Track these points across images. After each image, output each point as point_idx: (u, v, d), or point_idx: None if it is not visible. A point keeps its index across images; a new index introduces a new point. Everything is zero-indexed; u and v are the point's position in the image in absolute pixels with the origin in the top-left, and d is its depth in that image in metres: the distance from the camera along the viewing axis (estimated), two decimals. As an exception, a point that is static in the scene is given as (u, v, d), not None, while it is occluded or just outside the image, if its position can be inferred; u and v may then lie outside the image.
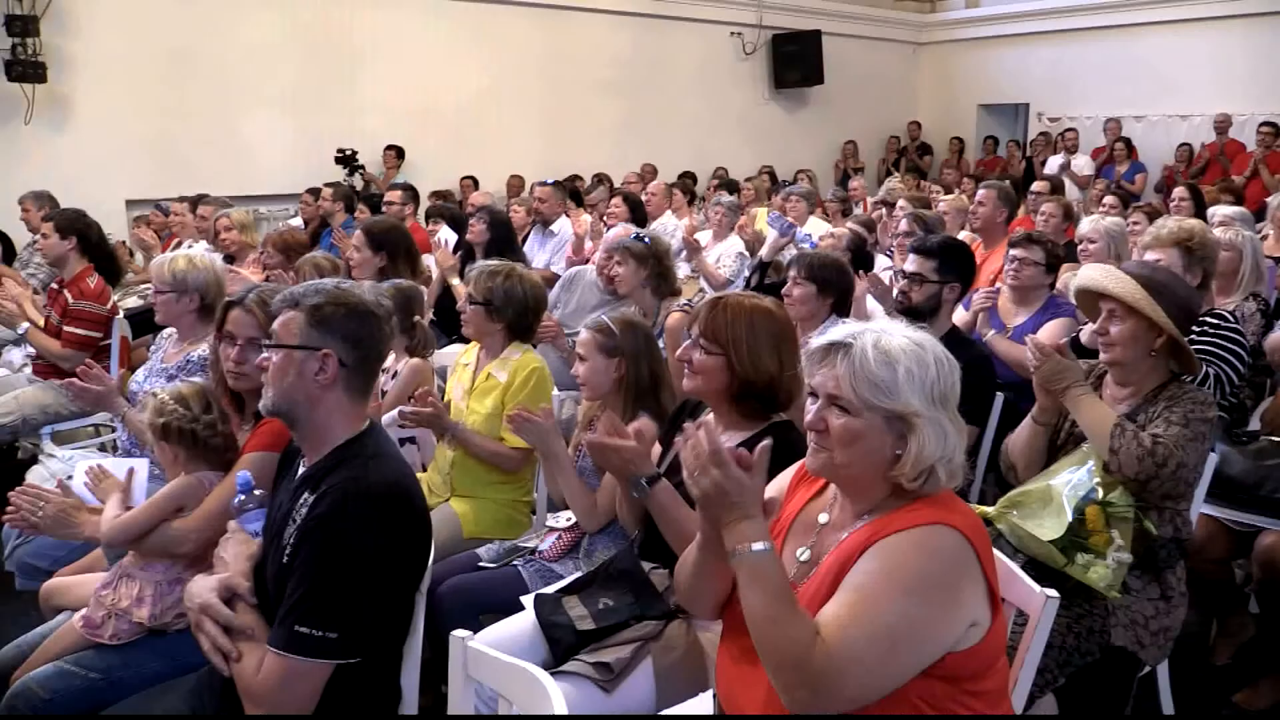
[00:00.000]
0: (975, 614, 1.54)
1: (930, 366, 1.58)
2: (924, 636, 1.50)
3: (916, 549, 1.52)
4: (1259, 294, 4.10)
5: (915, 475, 1.57)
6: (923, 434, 1.56)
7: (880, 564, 1.52)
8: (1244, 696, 2.98)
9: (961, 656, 1.54)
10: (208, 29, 8.93)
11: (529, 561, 2.68)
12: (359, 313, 1.89)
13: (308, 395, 1.87)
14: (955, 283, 3.32)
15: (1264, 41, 10.62)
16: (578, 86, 11.29)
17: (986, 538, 1.61)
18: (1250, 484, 2.95)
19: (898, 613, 1.48)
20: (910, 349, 1.59)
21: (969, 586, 1.54)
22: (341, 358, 1.86)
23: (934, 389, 1.58)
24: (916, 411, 1.56)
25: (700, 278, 5.82)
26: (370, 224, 4.54)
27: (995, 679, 1.64)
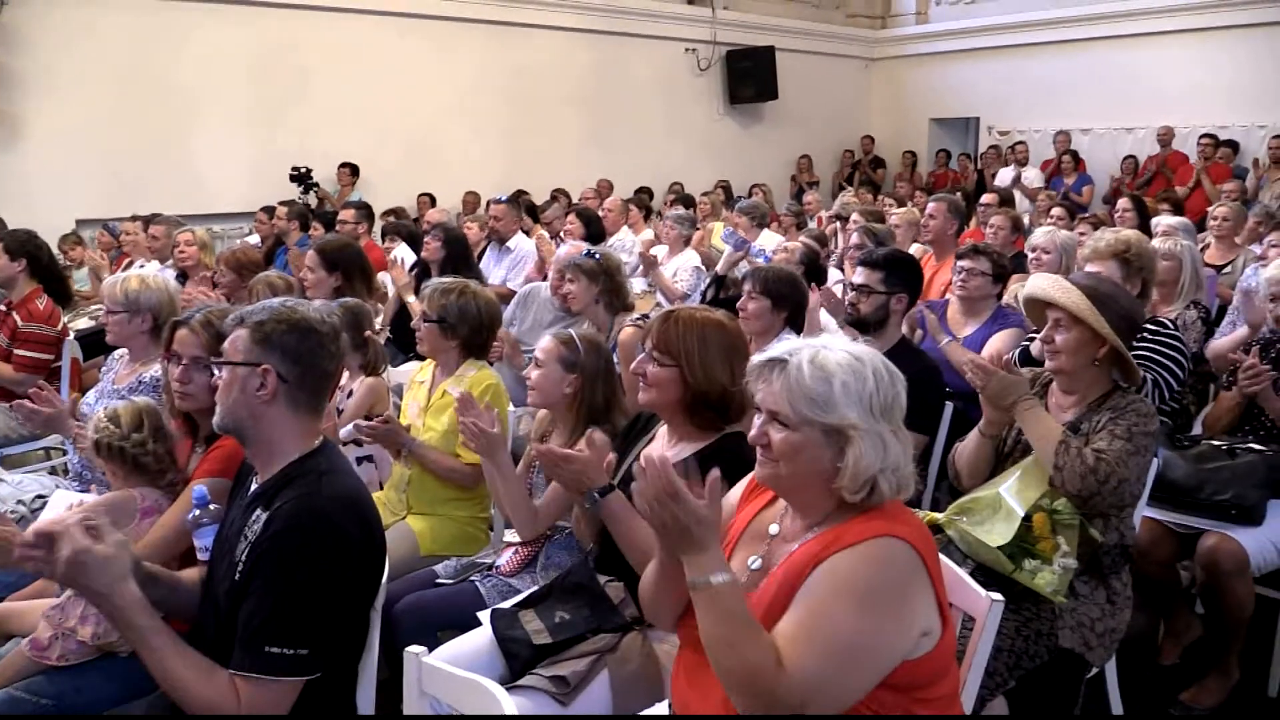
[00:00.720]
0: (926, 623, 1.57)
1: (868, 380, 1.61)
2: (879, 649, 1.53)
3: (866, 562, 1.55)
4: (1199, 302, 4.21)
5: (856, 488, 1.60)
6: (859, 446, 1.58)
7: (831, 580, 1.55)
8: (1191, 694, 3.04)
9: (914, 665, 1.57)
10: (160, 46, 8.86)
11: (486, 577, 2.68)
12: (300, 329, 1.90)
13: (251, 411, 1.88)
14: (902, 293, 3.38)
15: (1205, 56, 10.92)
16: (535, 103, 11.33)
17: (934, 547, 1.65)
18: (1192, 487, 3.02)
19: (852, 628, 1.51)
20: (848, 363, 1.62)
21: (919, 596, 1.57)
22: (281, 373, 1.87)
23: (872, 401, 1.60)
24: (853, 424, 1.59)
25: (657, 292, 5.86)
26: (324, 243, 4.52)
27: (946, 685, 1.67)
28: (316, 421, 1.96)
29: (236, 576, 1.81)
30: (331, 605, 1.78)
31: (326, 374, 1.95)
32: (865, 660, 1.52)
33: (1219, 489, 2.98)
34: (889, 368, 1.65)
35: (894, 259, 3.50)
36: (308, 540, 1.77)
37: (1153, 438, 2.50)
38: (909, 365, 3.15)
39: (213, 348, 2.48)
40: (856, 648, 1.51)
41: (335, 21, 9.88)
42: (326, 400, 1.99)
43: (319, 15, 9.80)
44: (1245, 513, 2.95)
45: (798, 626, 1.54)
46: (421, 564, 2.94)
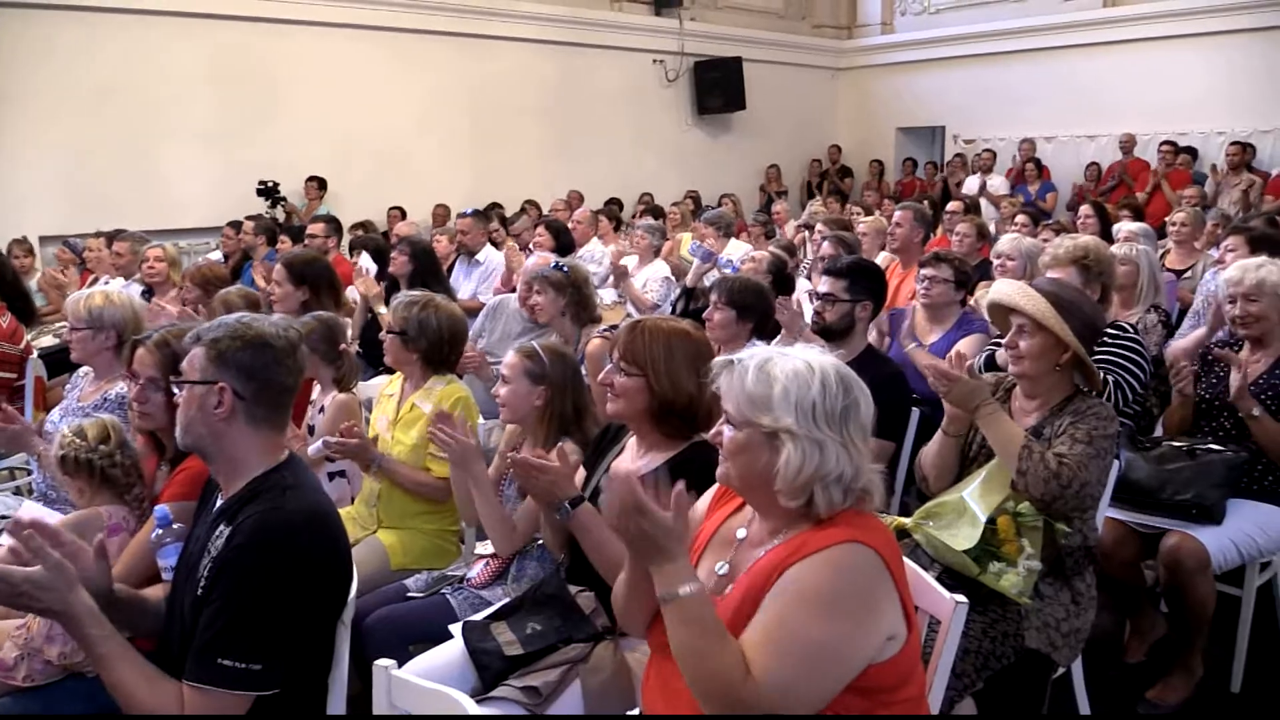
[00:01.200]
0: (892, 627, 1.59)
1: (812, 387, 1.61)
2: (846, 654, 1.55)
3: (831, 569, 1.56)
4: (1160, 306, 4.29)
5: (789, 492, 1.61)
6: (789, 450, 1.59)
7: (797, 587, 1.56)
8: (1156, 692, 3.08)
9: (880, 669, 1.59)
10: (124, 60, 8.77)
11: (457, 590, 2.68)
12: (254, 345, 1.89)
13: (210, 429, 1.88)
14: (867, 301, 3.40)
15: (1165, 65, 11.11)
16: (504, 115, 11.32)
17: (899, 552, 1.67)
18: (1153, 488, 3.07)
19: (819, 634, 1.52)
20: (796, 369, 1.63)
21: (885, 601, 1.59)
22: (237, 390, 1.87)
23: (814, 408, 1.60)
24: (788, 428, 1.59)
25: (627, 303, 5.88)
26: (291, 257, 4.50)
27: (912, 688, 1.69)
28: (279, 436, 1.95)
29: (199, 591, 1.81)
30: (290, 621, 1.77)
31: (285, 389, 1.94)
32: (832, 666, 1.54)
33: (1180, 489, 3.03)
34: (845, 379, 1.65)
35: (858, 267, 3.53)
36: (268, 555, 1.76)
37: (1113, 440, 2.54)
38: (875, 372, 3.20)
39: (168, 367, 2.48)
40: (823, 654, 1.53)
41: (301, 35, 9.84)
42: (289, 414, 1.99)
43: (285, 29, 9.74)
44: (1206, 512, 3.00)
45: (765, 634, 1.55)
46: (392, 578, 2.93)
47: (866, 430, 1.65)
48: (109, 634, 1.73)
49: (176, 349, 2.49)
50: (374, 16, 10.26)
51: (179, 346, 2.46)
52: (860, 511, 1.65)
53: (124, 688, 1.72)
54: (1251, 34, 10.55)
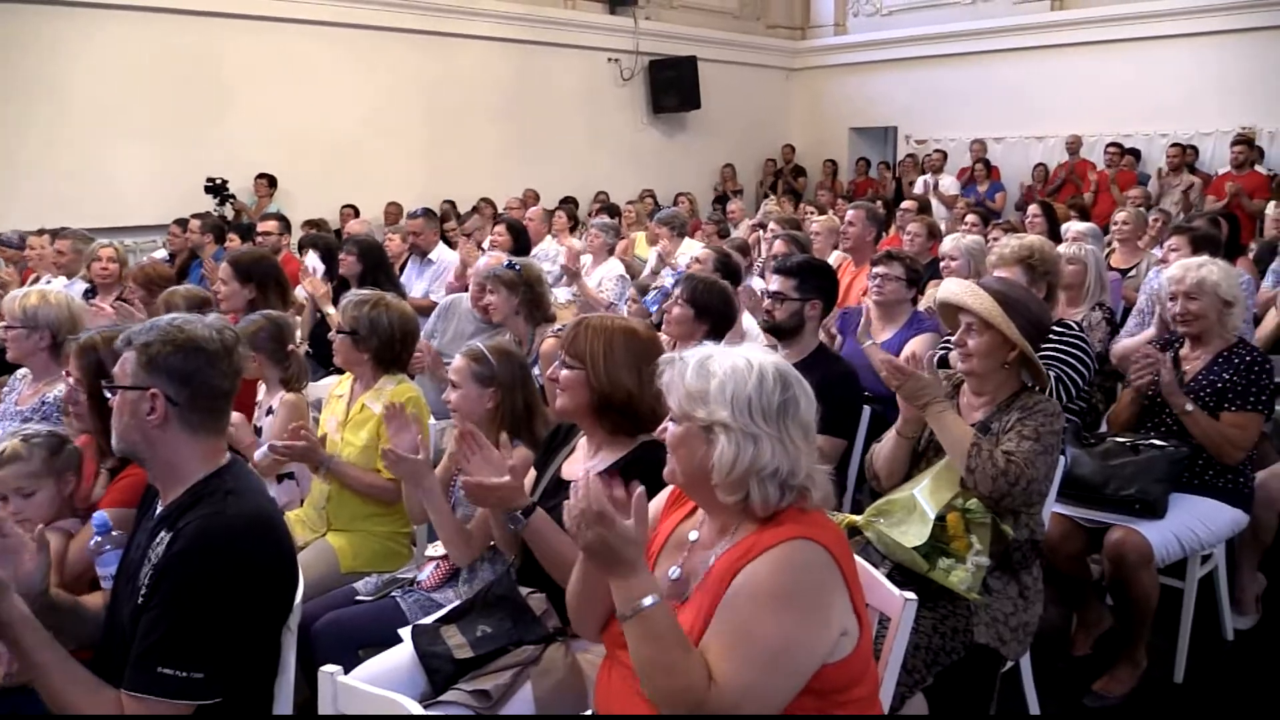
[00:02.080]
0: (844, 623, 1.60)
1: (749, 382, 1.62)
2: (802, 650, 1.56)
3: (781, 566, 1.57)
4: (1104, 304, 4.37)
5: (726, 487, 1.62)
6: (722, 443, 1.61)
7: (750, 589, 1.57)
8: (1102, 684, 3.13)
9: (834, 668, 1.60)
10: (67, 53, 8.56)
11: (408, 592, 2.65)
12: (187, 349, 1.84)
13: (144, 436, 1.84)
14: (816, 299, 3.41)
15: (1109, 68, 11.32)
16: (457, 113, 11.24)
17: (848, 548, 1.67)
18: (1098, 483, 3.12)
19: (775, 632, 1.53)
20: (735, 365, 1.64)
21: (836, 596, 1.60)
22: (170, 396, 1.82)
23: (750, 403, 1.61)
24: (722, 421, 1.61)
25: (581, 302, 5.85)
26: (237, 255, 4.42)
27: (865, 686, 1.70)
28: (219, 440, 1.91)
29: (139, 600, 1.76)
30: (233, 628, 1.74)
31: (221, 393, 1.89)
32: (789, 663, 1.55)
33: (1124, 484, 3.09)
34: (785, 376, 1.66)
35: (808, 266, 3.54)
36: (210, 561, 1.73)
37: (1059, 436, 2.58)
38: (826, 371, 3.24)
39: (91, 372, 2.45)
40: (780, 652, 1.54)
41: (251, 30, 9.67)
42: (227, 418, 1.94)
43: (234, 24, 9.58)
44: (1149, 506, 3.06)
45: (721, 639, 1.56)
46: (342, 581, 2.90)
47: (807, 428, 1.66)
48: (45, 641, 1.68)
49: (102, 354, 2.45)
50: (327, 12, 10.13)
51: (105, 351, 2.42)
52: (804, 509, 1.65)
53: (61, 697, 1.68)
54: (1192, 39, 10.79)
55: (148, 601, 1.74)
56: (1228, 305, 3.27)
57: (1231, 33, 10.47)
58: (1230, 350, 3.27)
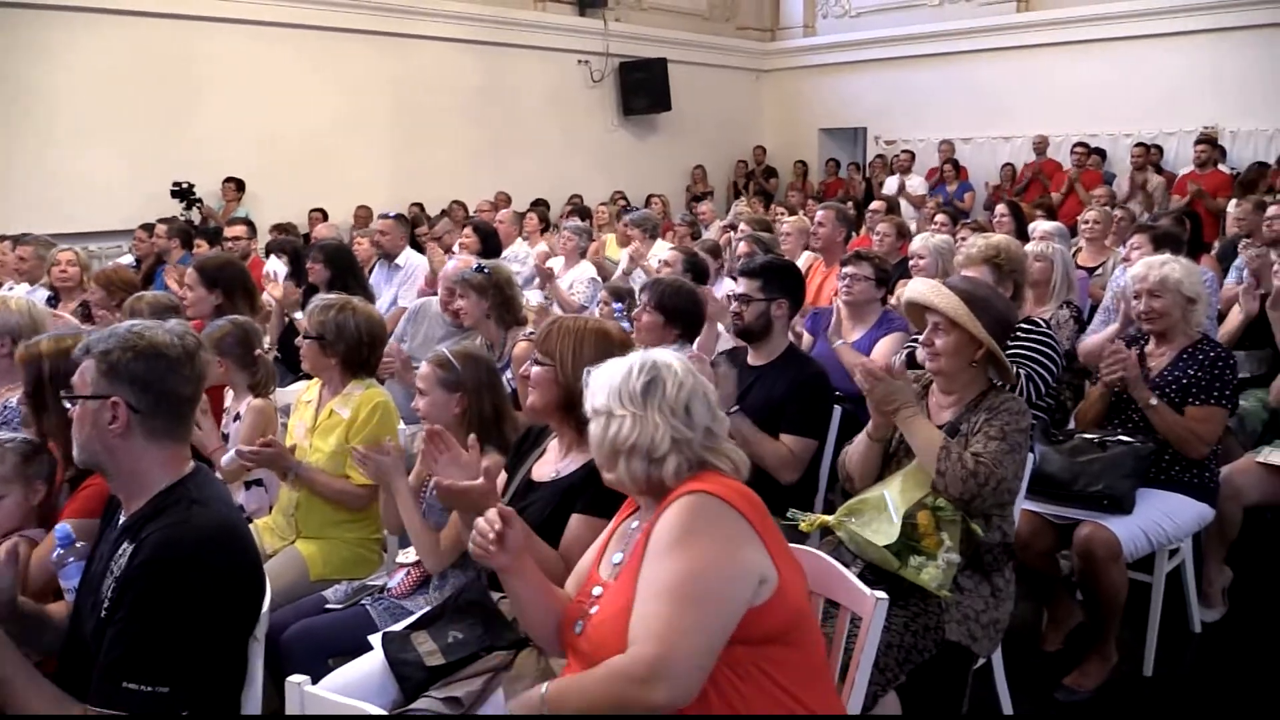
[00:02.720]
0: (760, 566, 1.66)
1: (621, 371, 1.79)
2: (718, 578, 1.62)
3: (675, 515, 1.68)
4: (1072, 302, 4.41)
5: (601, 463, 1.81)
6: (593, 425, 1.80)
7: (653, 549, 1.68)
8: (1073, 678, 3.16)
9: (757, 613, 1.64)
10: (29, 57, 8.44)
11: (378, 600, 2.62)
12: (148, 355, 1.81)
13: (106, 445, 1.81)
14: (782, 299, 3.37)
15: (1076, 68, 11.45)
16: (428, 115, 11.19)
17: (751, 499, 1.74)
18: (1066, 480, 3.15)
19: (684, 569, 1.61)
20: (624, 361, 1.81)
21: (739, 534, 1.67)
22: (132, 404, 1.79)
23: (619, 390, 1.77)
24: (596, 408, 1.79)
25: (554, 305, 5.84)
26: (203, 260, 4.37)
27: (805, 652, 1.74)
28: (182, 448, 1.88)
29: (102, 613, 1.73)
30: (198, 641, 1.71)
31: (183, 399, 1.87)
32: (706, 594, 1.60)
33: (1092, 480, 3.11)
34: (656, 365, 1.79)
35: (771, 266, 3.51)
36: (173, 573, 1.70)
37: (1026, 434, 2.60)
38: (797, 372, 3.25)
39: (35, 379, 2.42)
40: (692, 585, 1.60)
41: (217, 32, 9.58)
42: (190, 425, 1.92)
43: (199, 27, 9.49)
44: (1116, 502, 3.09)
45: (638, 602, 1.65)
46: (312, 589, 2.86)
47: (675, 408, 1.75)
48: (11, 655, 1.66)
49: (45, 363, 2.42)
50: (293, 15, 10.05)
51: (51, 361, 2.39)
52: (706, 473, 1.75)
53: (26, 711, 1.65)
54: (1157, 40, 10.94)
55: (111, 614, 1.72)
56: (1191, 302, 3.30)
57: (1195, 34, 10.63)
58: (1194, 346, 3.31)
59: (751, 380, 3.30)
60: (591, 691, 1.62)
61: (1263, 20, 10.11)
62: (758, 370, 3.34)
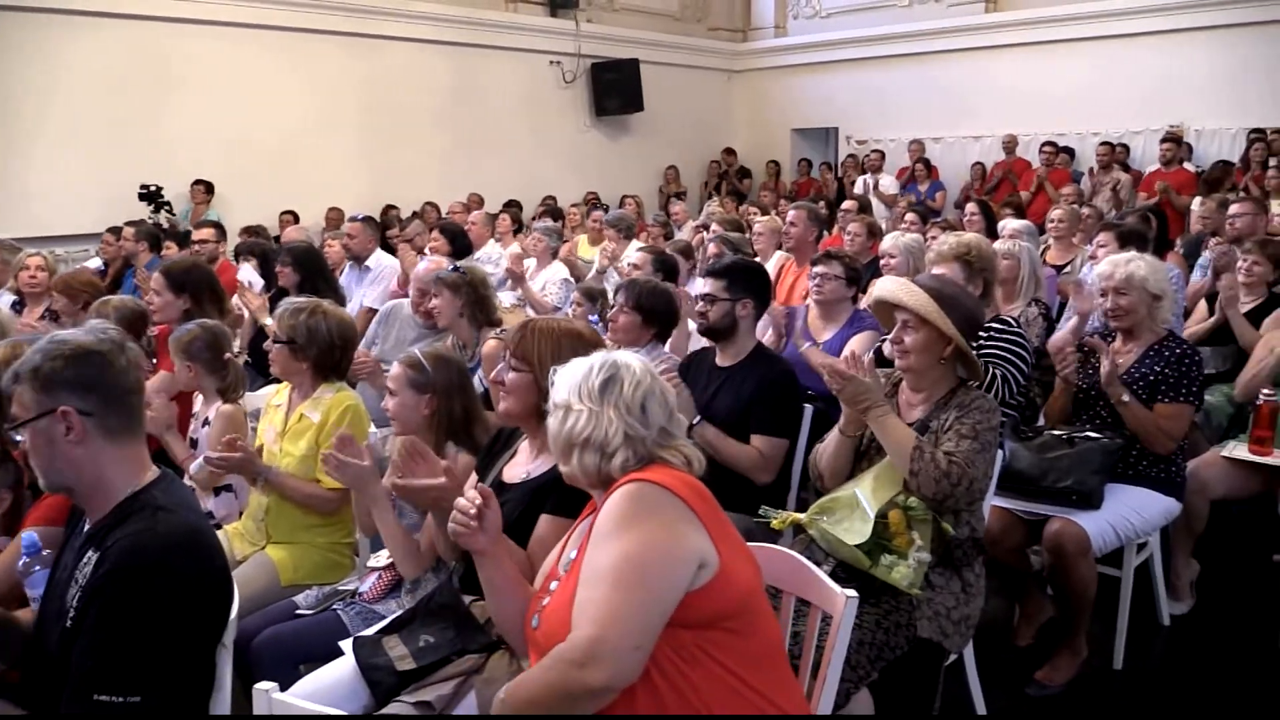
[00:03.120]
0: (700, 549, 1.68)
1: (582, 369, 1.84)
2: (656, 561, 1.64)
3: (614, 503, 1.72)
4: (1040, 299, 4.45)
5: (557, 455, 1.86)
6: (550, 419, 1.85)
7: (595, 537, 1.72)
8: (1044, 673, 3.19)
9: (697, 596, 1.66)
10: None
11: (349, 605, 2.60)
12: (77, 358, 1.77)
13: (69, 460, 1.77)
14: (747, 299, 3.36)
15: (1044, 68, 11.55)
16: (400, 117, 11.13)
17: (693, 487, 1.77)
18: (1036, 476, 3.18)
19: (622, 552, 1.64)
20: (587, 359, 1.86)
21: (679, 519, 1.69)
22: (81, 408, 1.75)
23: (579, 386, 1.82)
24: (555, 402, 1.84)
25: (526, 306, 5.82)
26: (170, 264, 4.31)
27: (754, 638, 1.75)
28: (140, 447, 1.85)
29: (68, 623, 1.71)
30: (168, 649, 1.69)
31: (129, 390, 1.83)
32: (645, 577, 1.63)
33: (1060, 476, 3.14)
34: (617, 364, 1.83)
35: (736, 266, 3.50)
36: (140, 581, 1.67)
37: (995, 432, 2.62)
38: (765, 372, 3.25)
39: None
40: (631, 567, 1.63)
41: (186, 34, 9.48)
42: (143, 419, 1.88)
43: (168, 27, 9.39)
44: (1085, 498, 3.12)
45: (580, 587, 1.68)
46: (283, 595, 2.83)
47: (633, 405, 1.79)
48: None
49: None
50: (263, 15, 9.97)
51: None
52: (652, 466, 1.78)
53: None
54: (1122, 40, 11.05)
55: (78, 625, 1.69)
56: (1156, 299, 3.34)
57: (1162, 34, 10.74)
58: (1161, 343, 3.35)
59: (720, 381, 3.31)
60: (538, 679, 1.66)
61: (1228, 21, 10.25)
62: (726, 371, 3.34)
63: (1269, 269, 4.49)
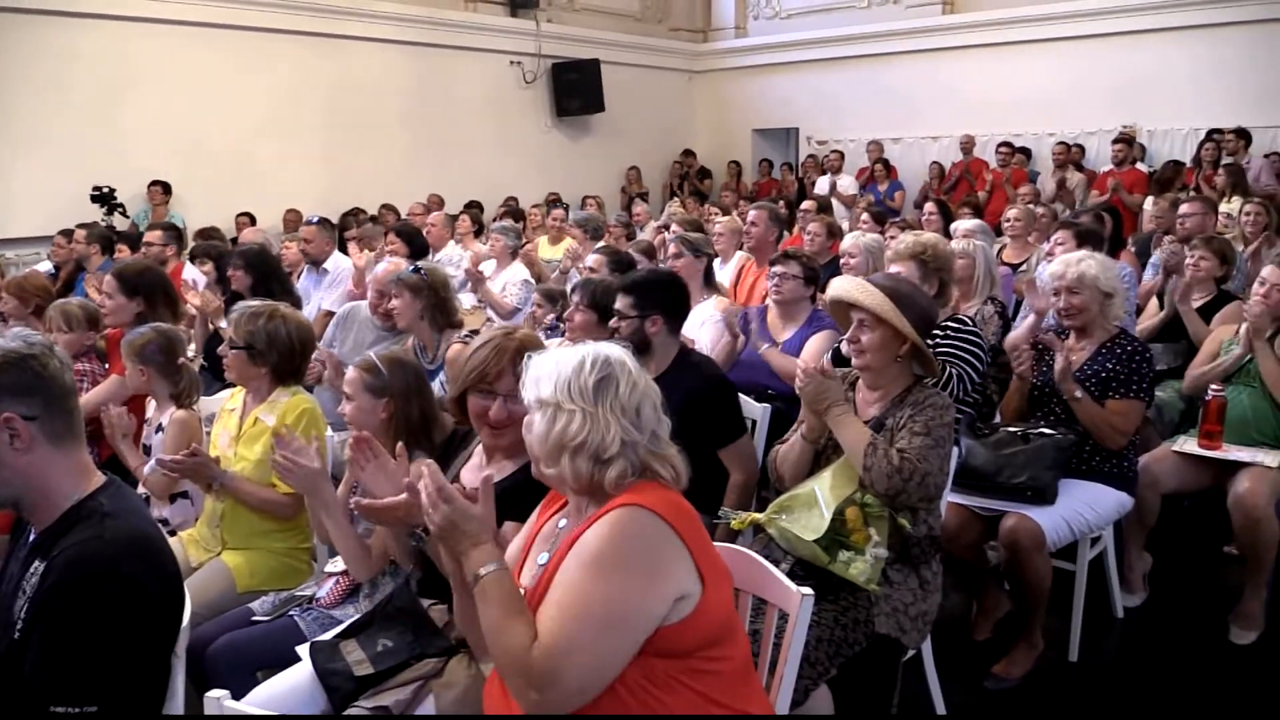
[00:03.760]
0: (682, 586, 1.63)
1: (571, 365, 1.72)
2: (630, 611, 1.59)
3: (608, 531, 1.63)
4: (996, 298, 4.50)
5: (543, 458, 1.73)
6: (537, 417, 1.73)
7: (578, 555, 1.63)
8: (1001, 667, 3.23)
9: (674, 630, 1.62)
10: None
11: (306, 610, 2.58)
12: (12, 364, 1.73)
13: (15, 469, 1.72)
14: (656, 315, 3.27)
15: (1001, 69, 11.71)
16: (358, 117, 11.04)
17: (688, 513, 1.71)
18: (991, 472, 3.21)
19: (600, 593, 1.58)
20: (571, 353, 1.76)
21: (669, 558, 1.64)
22: (24, 413, 1.71)
23: (569, 384, 1.70)
24: (541, 399, 1.73)
25: (486, 307, 5.80)
26: (122, 267, 4.24)
27: (730, 652, 1.73)
28: (82, 450, 1.82)
29: (15, 635, 1.67)
30: (121, 657, 1.66)
31: (65, 390, 1.78)
32: (619, 624, 1.58)
33: (1015, 472, 3.18)
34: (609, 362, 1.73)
35: (642, 282, 3.40)
36: (89, 589, 1.64)
37: (950, 429, 2.64)
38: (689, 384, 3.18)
39: None
40: (608, 613, 1.57)
41: (142, 34, 9.34)
42: (82, 420, 1.84)
43: (123, 27, 9.24)
44: (1039, 493, 3.16)
45: (551, 604, 1.62)
46: (240, 601, 2.80)
47: (626, 409, 1.70)
48: None
49: None
50: (221, 14, 9.84)
51: None
52: (646, 483, 1.72)
53: None
54: (1076, 42, 11.23)
55: (26, 636, 1.65)
56: (1108, 297, 3.40)
57: (1115, 36, 10.93)
58: (1113, 341, 3.41)
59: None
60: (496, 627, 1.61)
61: (1181, 24, 10.45)
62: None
63: (1215, 264, 4.59)
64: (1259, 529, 3.40)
